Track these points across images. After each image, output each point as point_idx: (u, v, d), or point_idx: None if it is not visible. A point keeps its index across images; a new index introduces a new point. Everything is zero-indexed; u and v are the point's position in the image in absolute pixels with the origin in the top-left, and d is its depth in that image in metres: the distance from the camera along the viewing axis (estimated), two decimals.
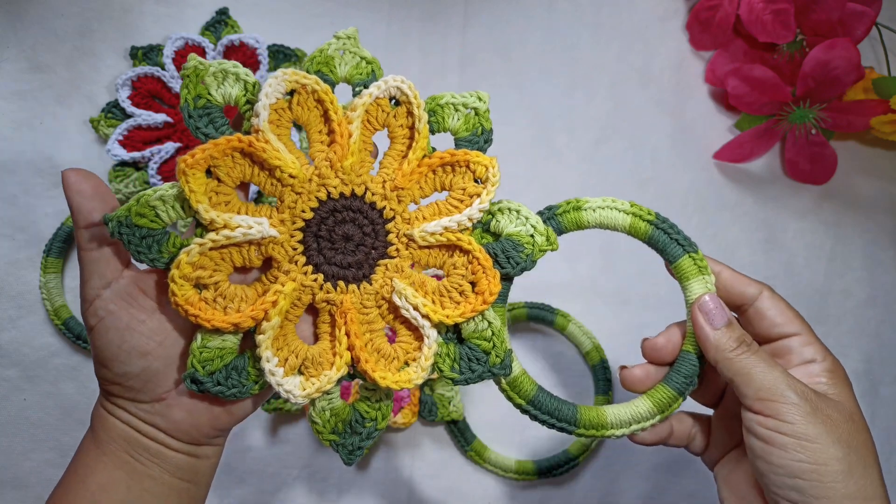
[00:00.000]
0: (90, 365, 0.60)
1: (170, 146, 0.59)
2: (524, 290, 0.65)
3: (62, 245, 0.59)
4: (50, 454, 0.58)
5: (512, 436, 0.63)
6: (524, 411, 0.39)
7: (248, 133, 0.34)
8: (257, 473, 0.60)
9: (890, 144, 0.70)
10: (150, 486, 0.35)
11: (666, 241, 0.39)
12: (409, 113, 0.37)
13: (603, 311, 0.65)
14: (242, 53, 0.62)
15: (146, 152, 0.59)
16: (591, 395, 0.64)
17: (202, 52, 0.62)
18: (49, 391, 0.59)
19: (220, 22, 0.64)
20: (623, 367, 0.41)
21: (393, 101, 0.37)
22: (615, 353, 0.64)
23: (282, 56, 0.63)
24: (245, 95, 0.35)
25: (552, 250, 0.38)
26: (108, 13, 0.64)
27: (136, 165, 0.60)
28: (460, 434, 0.61)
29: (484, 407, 0.63)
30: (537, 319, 0.63)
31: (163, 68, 0.61)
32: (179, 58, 0.61)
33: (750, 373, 0.36)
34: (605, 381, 0.63)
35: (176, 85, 0.61)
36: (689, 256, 0.39)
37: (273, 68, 0.63)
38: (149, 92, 0.61)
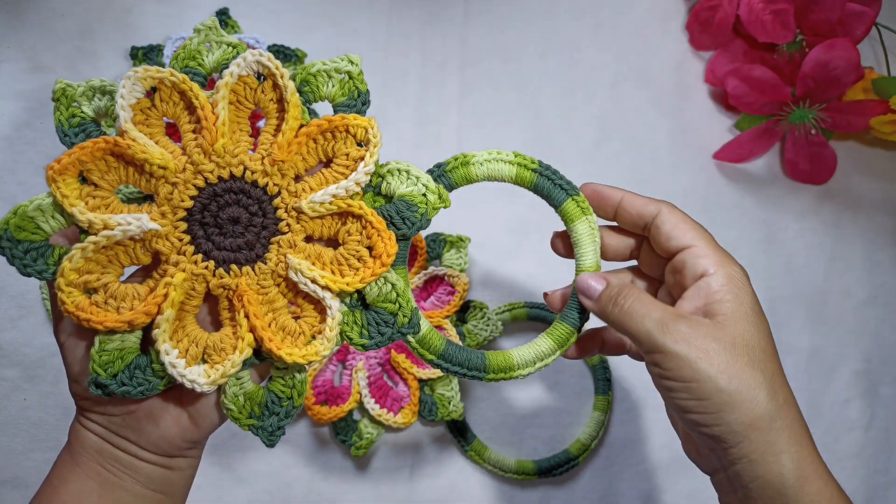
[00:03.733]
0: None
1: None
2: (524, 289, 0.65)
3: None
4: (50, 454, 0.58)
5: (512, 436, 0.63)
6: (436, 365, 0.41)
7: None
8: (257, 473, 0.60)
9: (890, 144, 0.70)
10: (122, 497, 0.36)
11: (550, 187, 0.41)
12: (276, 86, 0.37)
13: None
14: None
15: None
16: (591, 395, 0.64)
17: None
18: (49, 391, 0.59)
19: (220, 22, 0.64)
20: (545, 294, 0.45)
21: (260, 77, 0.37)
22: None
23: (282, 56, 0.63)
24: (113, 104, 0.35)
25: (445, 207, 0.38)
26: (109, 13, 0.64)
27: None
28: (460, 434, 0.61)
29: (484, 407, 0.63)
30: (537, 319, 0.63)
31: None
32: None
33: (627, 328, 0.37)
34: (604, 381, 0.63)
35: None
36: (573, 199, 0.41)
37: None
38: None
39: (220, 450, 0.60)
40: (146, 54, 0.62)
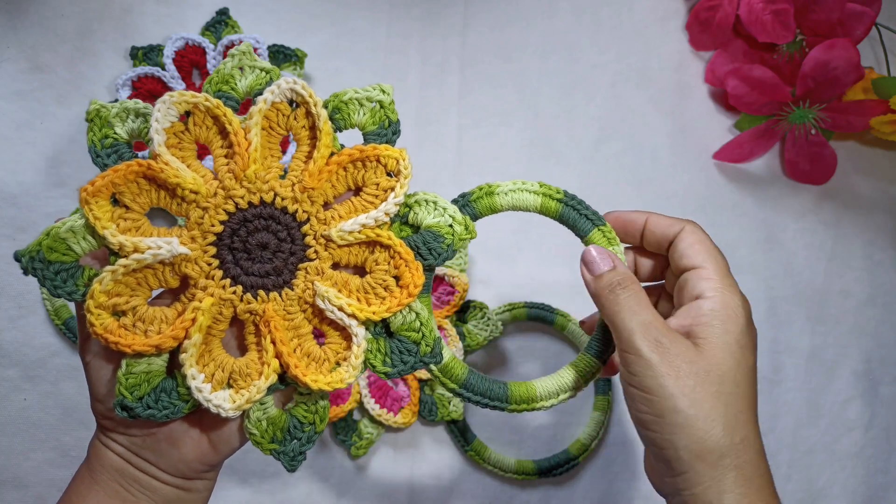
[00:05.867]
0: None
1: None
2: (524, 290, 0.65)
3: None
4: (50, 454, 0.58)
5: (512, 436, 0.63)
6: (457, 394, 0.40)
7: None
8: (257, 474, 0.60)
9: (890, 144, 0.70)
10: None
11: (575, 217, 0.40)
12: (308, 113, 0.37)
13: None
14: None
15: (146, 152, 0.59)
16: (591, 395, 0.64)
17: (202, 52, 0.62)
18: (49, 391, 0.59)
19: (220, 22, 0.64)
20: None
21: (293, 104, 0.37)
22: None
23: (282, 56, 0.63)
24: (146, 126, 0.35)
25: (471, 238, 0.38)
26: (109, 13, 0.64)
27: None
28: (460, 434, 0.61)
29: None
30: (537, 319, 0.63)
31: (163, 68, 0.61)
32: (180, 58, 0.62)
33: (614, 319, 0.37)
34: (604, 381, 0.63)
35: (176, 85, 0.61)
36: (599, 230, 0.40)
37: None
38: (149, 92, 0.61)
39: None
40: (146, 54, 0.62)
